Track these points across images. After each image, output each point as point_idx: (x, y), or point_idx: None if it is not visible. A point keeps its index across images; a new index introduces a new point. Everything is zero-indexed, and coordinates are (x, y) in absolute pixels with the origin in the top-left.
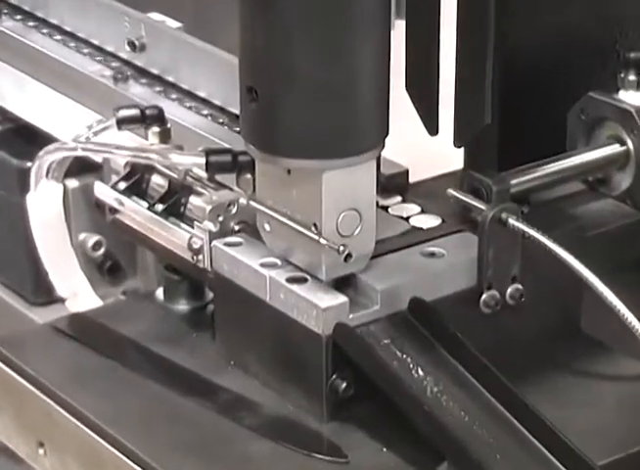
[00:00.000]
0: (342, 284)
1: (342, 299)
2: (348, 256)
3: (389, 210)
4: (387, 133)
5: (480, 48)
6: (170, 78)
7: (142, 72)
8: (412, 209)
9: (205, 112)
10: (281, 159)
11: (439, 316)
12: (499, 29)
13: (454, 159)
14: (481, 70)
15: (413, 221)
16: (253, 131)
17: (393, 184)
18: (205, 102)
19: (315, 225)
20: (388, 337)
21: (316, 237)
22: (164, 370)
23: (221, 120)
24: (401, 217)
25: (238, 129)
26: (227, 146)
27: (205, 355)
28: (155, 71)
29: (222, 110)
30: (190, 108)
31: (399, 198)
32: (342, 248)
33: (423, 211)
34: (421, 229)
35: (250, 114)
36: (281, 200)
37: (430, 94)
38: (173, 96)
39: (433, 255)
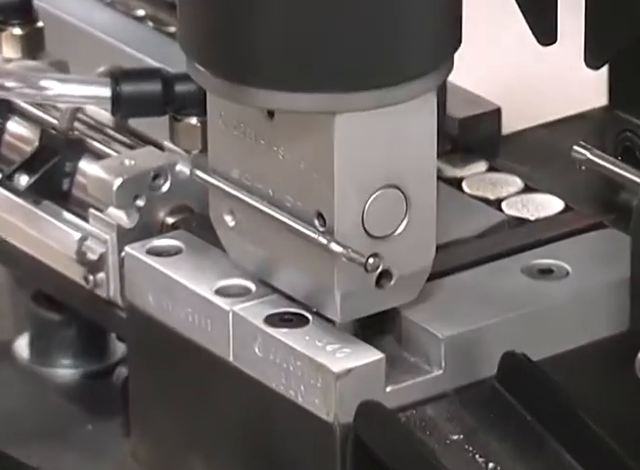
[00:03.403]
0: (373, 328)
1: (372, 355)
2: (385, 275)
3: (465, 185)
4: (455, 46)
5: None
6: None
7: None
8: (507, 182)
9: (142, 12)
10: (259, 92)
11: (557, 389)
12: None
13: (583, 91)
14: None
15: (509, 207)
16: (207, 38)
17: (473, 137)
18: None
19: (321, 216)
20: (459, 429)
21: (323, 240)
22: None
23: (170, 30)
24: (487, 200)
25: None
26: (157, 65)
27: (109, 465)
28: None
29: (171, 6)
30: (112, 3)
31: (484, 164)
32: (371, 260)
33: (528, 188)
34: (525, 222)
35: (201, 8)
36: (256, 168)
37: None
38: None
39: (546, 272)
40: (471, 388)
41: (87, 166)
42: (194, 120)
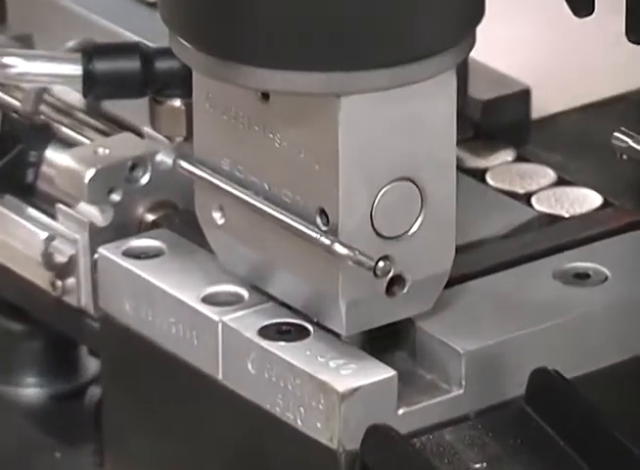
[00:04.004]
0: (383, 341)
1: (382, 372)
2: (396, 281)
3: (490, 177)
4: (478, 18)
5: None
6: None
7: None
8: (538, 174)
9: None
10: (253, 71)
11: (594, 411)
12: None
13: (624, 69)
14: None
15: (540, 202)
16: (192, 9)
17: (498, 122)
18: None
19: (324, 214)
20: (482, 457)
21: (325, 240)
22: None
23: None
24: (515, 194)
25: None
26: (135, 39)
27: None
28: None
29: None
30: None
31: (511, 153)
32: (381, 264)
33: (562, 181)
34: (558, 219)
35: None
36: (249, 159)
37: None
38: None
39: (582, 276)
40: (495, 410)
41: (55, 156)
42: (177, 103)
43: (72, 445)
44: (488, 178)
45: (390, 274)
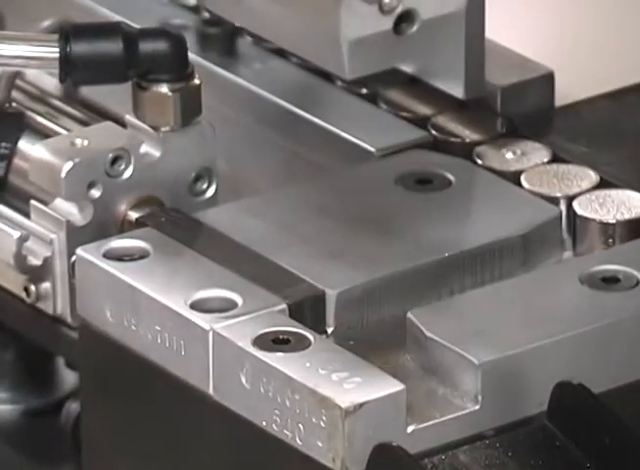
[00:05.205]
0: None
1: (389, 386)
2: (405, 17)
3: (524, 179)
4: None
5: None
6: None
7: None
8: (577, 175)
9: None
10: None
11: (624, 430)
12: None
13: None
14: None
15: (583, 206)
16: None
17: (518, 110)
18: None
19: None
20: None
21: None
22: None
23: None
24: (553, 197)
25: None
26: (117, 19)
27: None
28: None
29: None
30: None
31: (545, 152)
32: None
33: (605, 183)
34: (600, 225)
35: None
36: None
37: None
38: None
39: (611, 280)
40: (515, 427)
41: (28, 147)
42: (164, 89)
43: (48, 466)
44: (523, 180)
45: (399, 10)
